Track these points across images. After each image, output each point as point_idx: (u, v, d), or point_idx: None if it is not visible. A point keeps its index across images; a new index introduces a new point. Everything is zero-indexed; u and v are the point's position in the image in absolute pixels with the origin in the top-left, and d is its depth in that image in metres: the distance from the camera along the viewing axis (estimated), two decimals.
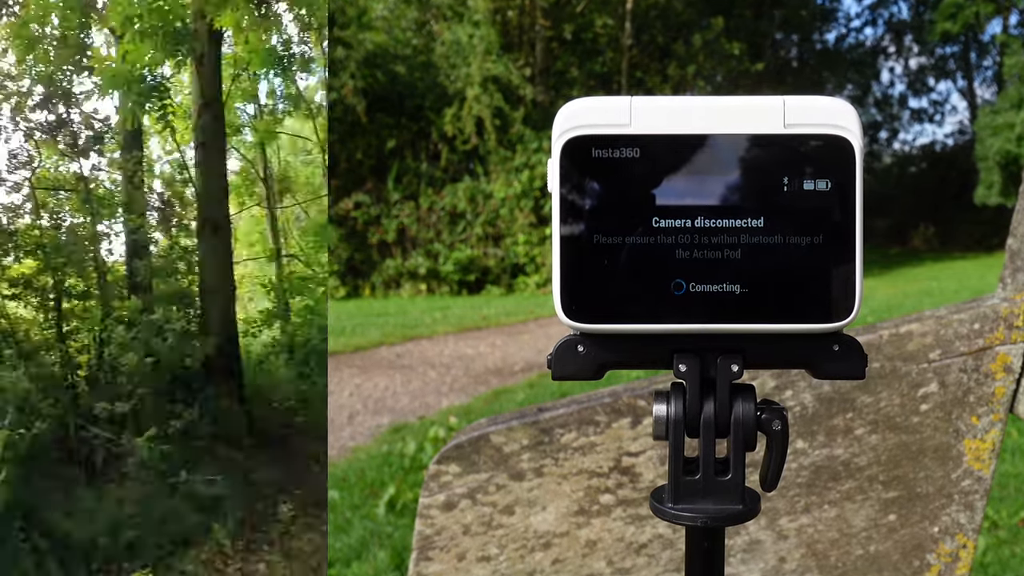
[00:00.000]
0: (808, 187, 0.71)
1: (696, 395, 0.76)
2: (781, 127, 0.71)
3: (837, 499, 1.69)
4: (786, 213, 0.71)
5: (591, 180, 0.71)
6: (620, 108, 0.72)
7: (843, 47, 25.77)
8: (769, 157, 0.71)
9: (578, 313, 0.73)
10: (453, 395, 6.94)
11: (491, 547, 1.65)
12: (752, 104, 0.71)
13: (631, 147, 0.71)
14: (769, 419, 0.77)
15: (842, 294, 0.72)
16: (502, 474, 1.64)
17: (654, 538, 1.67)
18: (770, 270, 0.71)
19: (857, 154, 0.71)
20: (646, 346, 0.76)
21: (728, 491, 0.77)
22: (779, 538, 1.69)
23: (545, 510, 1.65)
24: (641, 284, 0.72)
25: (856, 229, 0.71)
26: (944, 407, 1.68)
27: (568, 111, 0.73)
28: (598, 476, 1.65)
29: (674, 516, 0.77)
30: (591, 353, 0.76)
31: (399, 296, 16.11)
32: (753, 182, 0.71)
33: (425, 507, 1.65)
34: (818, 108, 0.71)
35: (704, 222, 0.71)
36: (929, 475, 1.69)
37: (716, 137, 0.71)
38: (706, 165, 0.71)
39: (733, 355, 0.75)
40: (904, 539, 1.71)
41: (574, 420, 1.64)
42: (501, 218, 16.44)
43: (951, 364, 1.67)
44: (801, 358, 0.77)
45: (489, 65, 16.24)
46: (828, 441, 1.68)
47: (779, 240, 0.71)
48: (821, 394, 1.67)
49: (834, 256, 0.71)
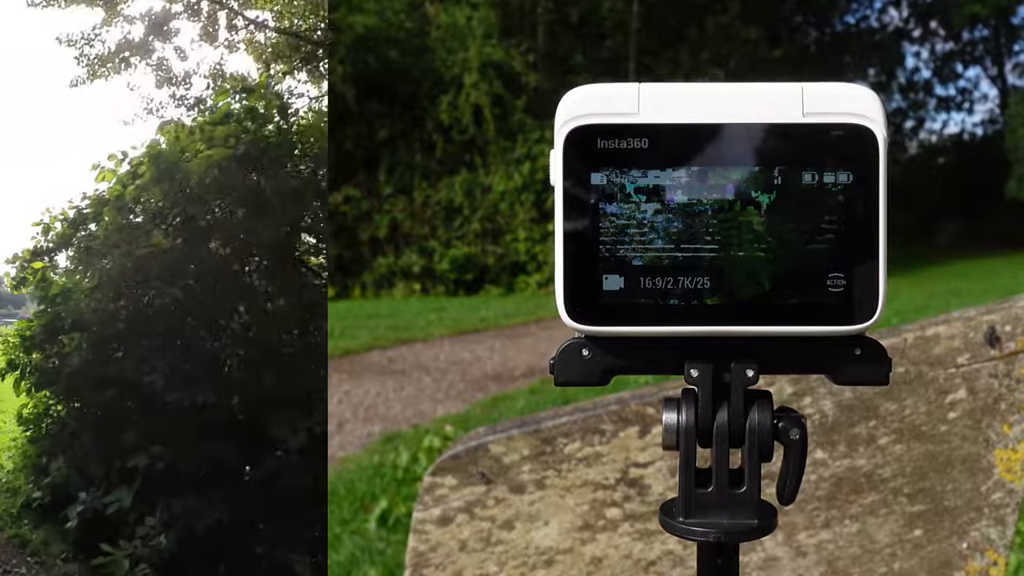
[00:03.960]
0: (828, 180, 0.71)
1: (709, 402, 0.76)
2: (800, 116, 0.71)
3: (859, 513, 1.69)
4: (805, 208, 0.71)
5: (596, 172, 0.71)
6: (627, 95, 0.72)
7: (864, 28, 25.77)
8: (787, 148, 0.71)
9: (582, 315, 0.73)
10: (449, 402, 6.94)
11: (490, 564, 1.65)
12: (769, 91, 0.71)
13: (639, 137, 0.71)
14: (787, 428, 0.77)
15: (865, 294, 0.71)
16: (501, 487, 1.64)
17: (664, 555, 1.67)
18: (788, 269, 0.71)
19: (880, 144, 0.71)
20: (655, 350, 0.76)
21: (743, 504, 0.77)
22: (797, 555, 1.69)
23: (547, 525, 1.65)
24: (649, 284, 0.72)
25: (880, 224, 0.71)
26: (973, 415, 1.68)
27: (572, 99, 0.73)
28: (604, 488, 1.65)
29: (685, 531, 0.77)
30: (596, 357, 0.76)
31: (391, 296, 16.12)
32: (770, 175, 0.71)
33: (419, 522, 1.65)
34: (839, 95, 0.71)
35: (717, 217, 0.71)
36: (957, 487, 1.69)
37: (730, 127, 0.71)
38: (719, 156, 0.71)
39: (748, 359, 0.75)
40: (931, 556, 1.71)
41: (578, 429, 1.64)
42: (500, 213, 16.45)
43: (980, 369, 1.67)
44: (821, 363, 0.77)
45: (488, 50, 16.24)
46: (849, 451, 1.68)
47: (797, 237, 0.71)
48: (842, 401, 1.67)
49: (856, 253, 0.71)
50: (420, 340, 10.09)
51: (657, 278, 0.72)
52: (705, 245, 0.71)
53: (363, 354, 9.22)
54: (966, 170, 24.48)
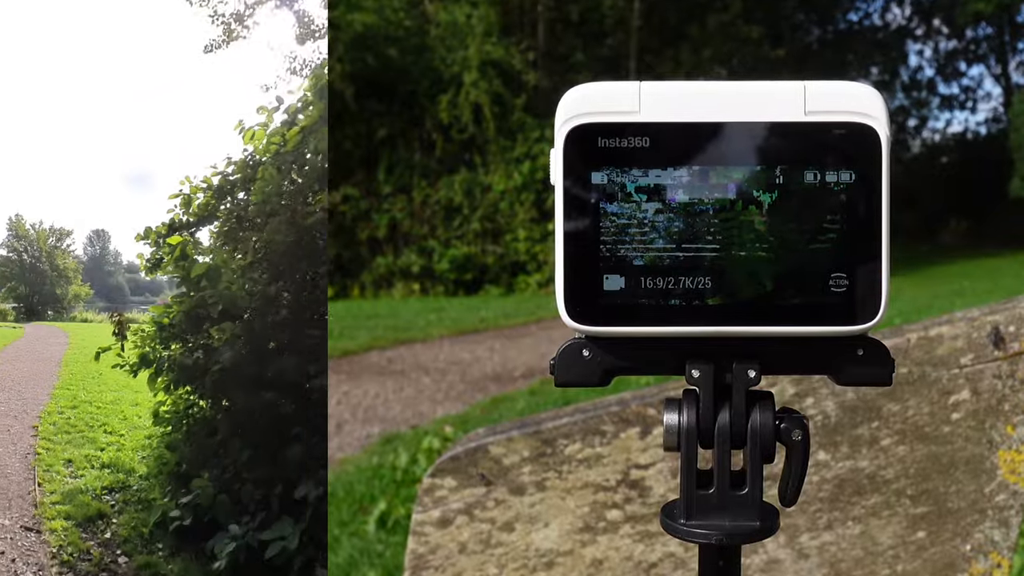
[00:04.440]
0: (831, 179, 0.71)
1: (710, 403, 0.76)
2: (802, 114, 0.71)
3: (862, 515, 1.69)
4: (807, 207, 0.71)
5: (597, 171, 0.71)
6: (628, 94, 0.72)
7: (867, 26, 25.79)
8: (789, 147, 0.71)
9: (583, 315, 0.73)
10: (448, 403, 6.94)
11: (490, 567, 1.65)
12: (770, 90, 0.71)
13: (640, 136, 0.71)
14: (789, 429, 0.77)
15: (867, 294, 0.72)
16: (501, 488, 1.64)
17: (665, 557, 1.67)
18: (790, 269, 0.71)
19: (883, 143, 0.71)
20: (656, 350, 0.76)
21: (745, 506, 0.77)
22: (799, 557, 1.69)
23: (548, 527, 1.65)
24: (650, 284, 0.72)
25: (882, 224, 0.71)
26: (977, 416, 1.68)
27: (572, 97, 0.73)
28: (604, 490, 1.65)
29: (687, 533, 0.77)
30: (597, 358, 0.76)
31: (390, 296, 16.13)
32: (771, 174, 0.71)
33: (418, 524, 1.65)
34: (841, 94, 0.71)
35: (719, 217, 0.71)
36: (961, 489, 1.69)
37: (732, 125, 0.71)
38: (721, 155, 0.71)
39: (750, 360, 0.75)
40: (934, 558, 1.71)
41: (579, 430, 1.64)
42: (500, 212, 16.46)
43: (984, 370, 1.67)
44: (823, 363, 0.77)
45: (488, 48, 16.25)
46: (852, 452, 1.68)
47: (799, 236, 0.71)
48: (845, 402, 1.67)
49: (859, 253, 0.71)
50: (419, 340, 10.10)
51: (658, 278, 0.72)
52: (706, 245, 0.71)
53: (362, 355, 9.23)
54: (969, 169, 24.48)
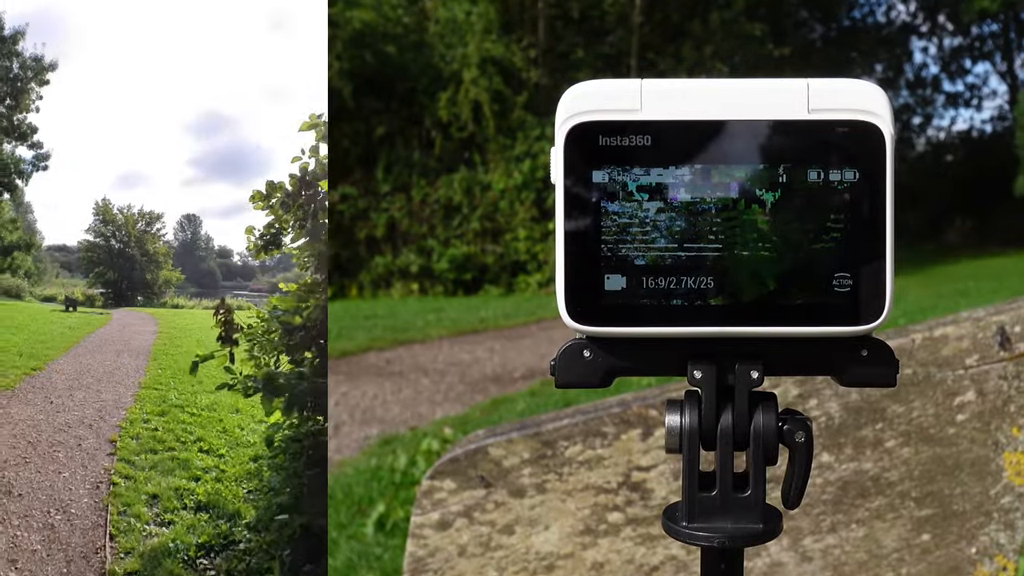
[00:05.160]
0: (835, 177, 0.71)
1: (712, 404, 0.76)
2: (805, 112, 0.71)
3: (866, 517, 1.69)
4: (810, 206, 0.71)
5: (598, 170, 0.71)
6: (630, 92, 0.72)
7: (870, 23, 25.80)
8: (792, 145, 0.71)
9: (584, 315, 0.73)
10: (448, 404, 6.94)
11: (489, 570, 1.65)
12: (774, 87, 0.71)
13: (641, 134, 0.71)
14: (792, 430, 0.77)
15: (871, 294, 0.72)
16: (501, 490, 1.64)
17: (667, 560, 1.66)
18: (793, 268, 0.71)
19: (888, 141, 0.71)
20: (658, 351, 0.76)
21: (747, 509, 0.77)
22: (803, 560, 1.69)
23: (548, 529, 1.65)
24: (652, 284, 0.72)
25: (887, 223, 0.71)
26: (982, 417, 1.68)
27: (573, 95, 0.73)
28: (605, 492, 1.65)
29: (689, 536, 0.77)
30: (598, 359, 0.76)
31: (389, 296, 16.12)
32: (774, 172, 0.71)
33: (417, 526, 1.65)
34: (845, 91, 0.71)
35: (721, 216, 0.71)
36: (966, 491, 1.69)
37: (734, 123, 0.71)
38: (723, 154, 0.71)
39: (752, 361, 0.75)
40: (939, 561, 1.71)
41: (579, 432, 1.64)
42: (500, 212, 16.45)
43: (989, 371, 1.67)
44: (827, 364, 0.77)
45: (488, 45, 16.25)
46: (856, 454, 1.67)
47: (803, 236, 0.71)
48: (848, 403, 1.67)
49: (863, 253, 0.71)
50: (418, 341, 10.10)
51: (660, 278, 0.72)
52: (709, 244, 0.71)
53: (360, 355, 9.23)
54: (975, 168, 24.47)
